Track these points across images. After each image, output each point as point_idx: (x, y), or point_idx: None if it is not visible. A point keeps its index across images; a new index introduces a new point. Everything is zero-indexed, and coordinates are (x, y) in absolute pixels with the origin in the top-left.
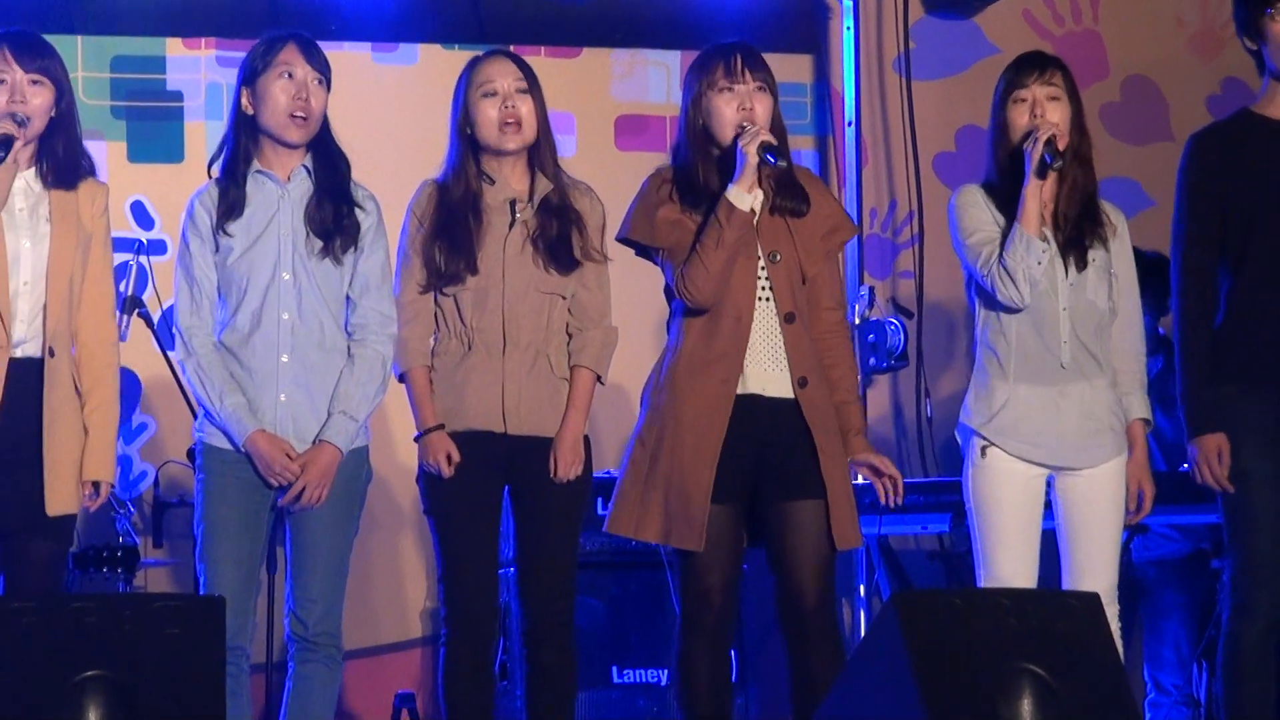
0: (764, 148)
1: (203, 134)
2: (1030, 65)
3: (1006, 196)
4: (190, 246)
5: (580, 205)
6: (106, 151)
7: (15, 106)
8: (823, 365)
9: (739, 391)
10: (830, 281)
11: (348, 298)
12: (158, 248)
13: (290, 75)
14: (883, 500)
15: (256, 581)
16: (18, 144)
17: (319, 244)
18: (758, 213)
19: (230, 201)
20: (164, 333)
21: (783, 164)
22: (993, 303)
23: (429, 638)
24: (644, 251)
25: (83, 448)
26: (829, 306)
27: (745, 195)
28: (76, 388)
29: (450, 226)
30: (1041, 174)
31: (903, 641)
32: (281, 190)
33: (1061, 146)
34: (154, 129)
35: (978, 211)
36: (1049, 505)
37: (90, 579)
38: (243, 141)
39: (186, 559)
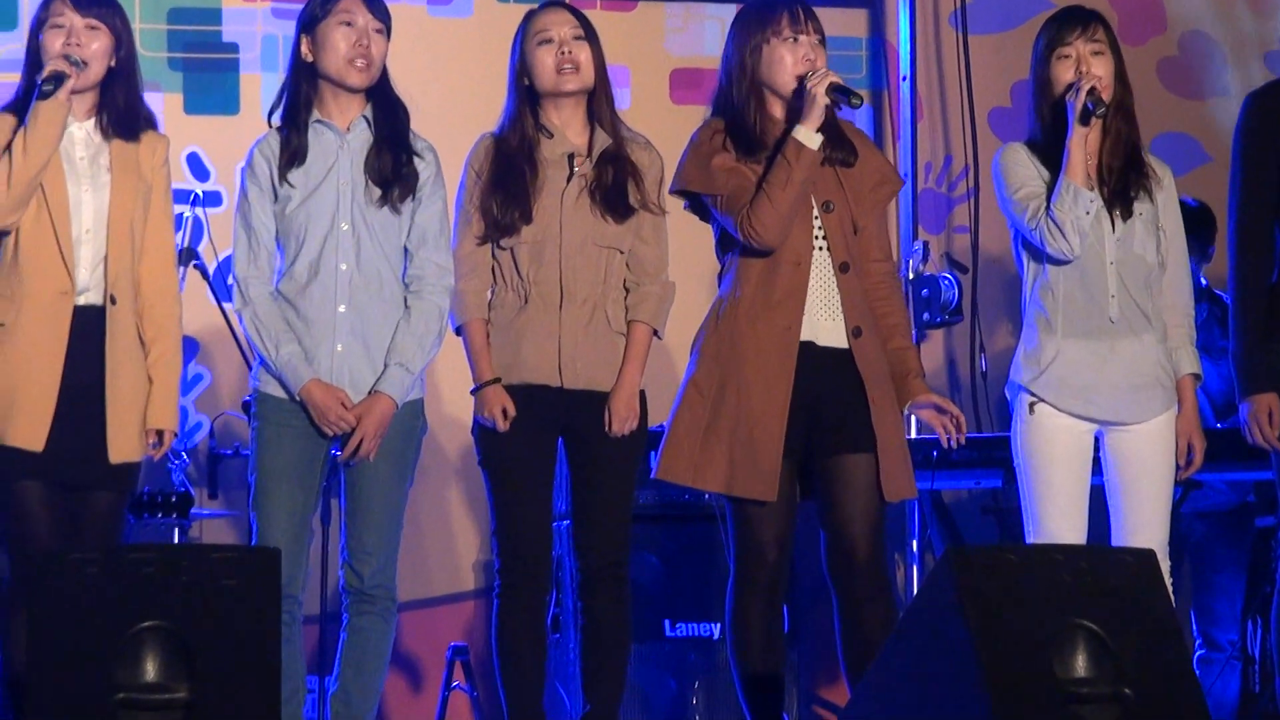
0: (833, 87)
1: (258, 86)
2: (1073, 21)
3: (1051, 151)
4: (249, 195)
5: (638, 158)
6: (163, 103)
7: (70, 49)
8: (875, 315)
9: None
10: (879, 234)
11: (405, 249)
12: (213, 199)
13: (350, 23)
14: (944, 441)
15: (309, 531)
16: (70, 83)
17: (377, 193)
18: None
19: (292, 150)
20: (219, 284)
21: (856, 102)
22: (1040, 259)
23: (482, 590)
24: (695, 204)
25: (146, 396)
26: (877, 258)
27: (814, 135)
28: (140, 338)
29: (506, 178)
30: (1085, 121)
31: (957, 597)
32: (340, 140)
33: (1105, 96)
34: (210, 81)
35: (1022, 168)
36: (1098, 462)
37: (145, 525)
38: (302, 89)
39: (241, 509)
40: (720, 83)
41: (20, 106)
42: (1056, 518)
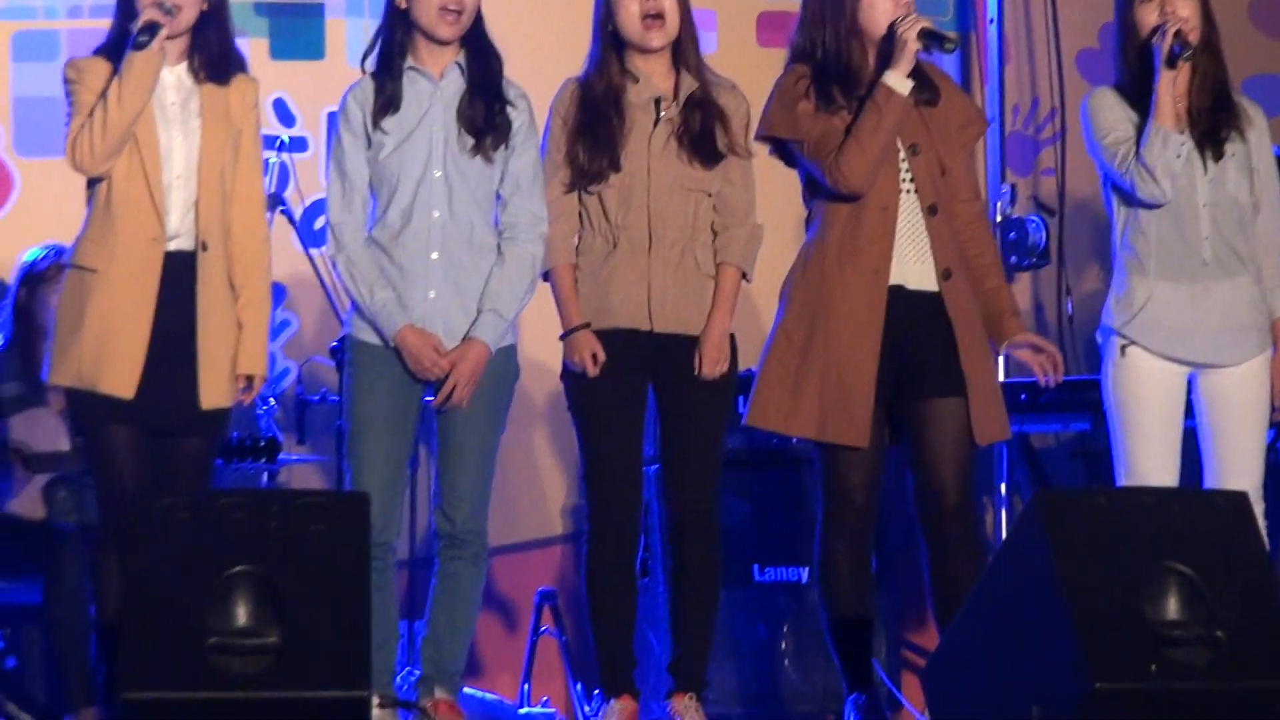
0: (924, 32)
1: (343, 32)
2: None
3: (1139, 95)
4: (343, 141)
5: (724, 101)
6: (249, 49)
7: None
8: (966, 257)
9: None
10: (967, 174)
11: (498, 196)
12: (299, 145)
13: None
14: (1040, 380)
15: (404, 477)
16: (163, 32)
17: (470, 141)
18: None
19: (387, 96)
20: (305, 230)
21: (950, 47)
22: (1131, 202)
23: (570, 535)
24: (781, 150)
25: (236, 342)
26: (966, 199)
27: (905, 80)
28: (230, 283)
29: (592, 124)
30: (1172, 64)
31: (1046, 540)
32: (434, 88)
33: (1192, 38)
34: (295, 26)
35: (1110, 112)
36: (1190, 405)
37: (232, 470)
38: (396, 35)
39: (328, 454)
40: (802, 29)
41: (113, 51)
42: (1148, 460)
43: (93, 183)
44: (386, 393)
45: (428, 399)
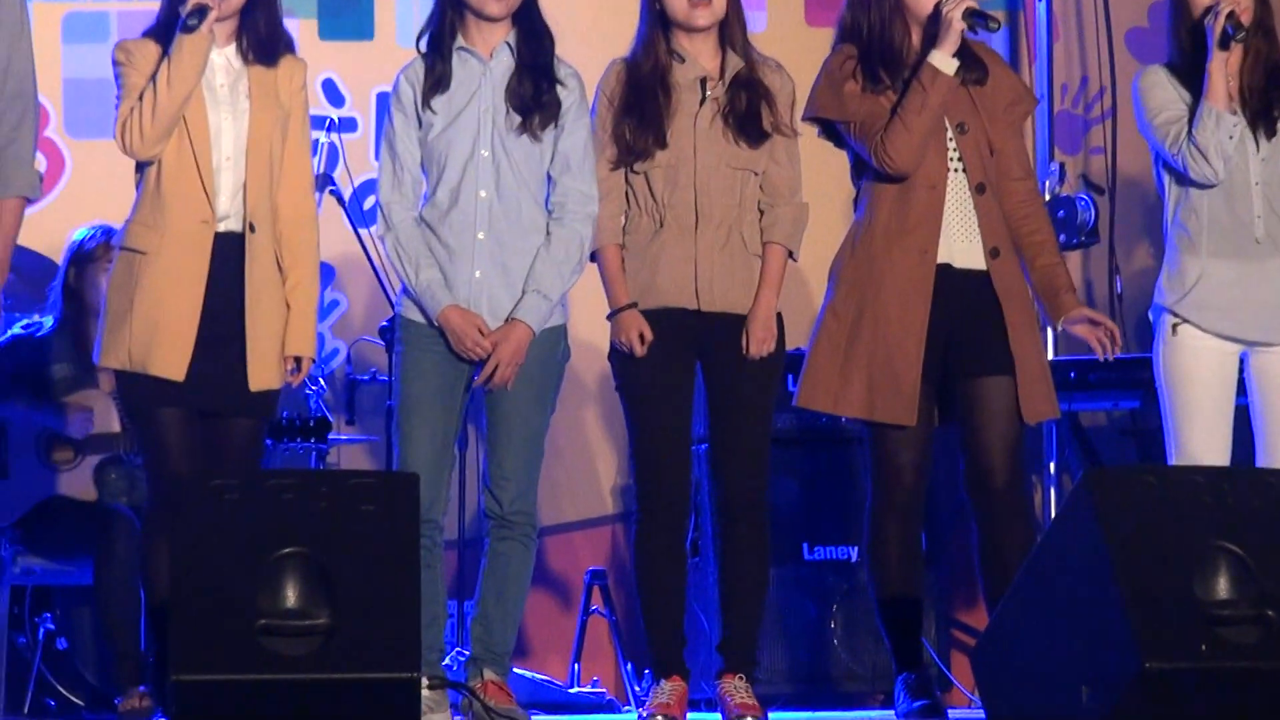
0: (969, 12)
1: (392, 11)
2: None
3: (1191, 74)
4: (394, 121)
5: (770, 81)
6: (298, 29)
7: None
8: (1021, 233)
9: None
10: (1018, 152)
11: (549, 176)
12: (348, 125)
13: None
14: (1099, 354)
15: (451, 456)
16: (213, 14)
17: (518, 120)
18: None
19: (437, 76)
20: (355, 210)
21: (994, 26)
22: (1183, 180)
23: (620, 515)
24: (829, 130)
25: (284, 323)
26: (1019, 177)
27: (949, 60)
28: (278, 264)
29: (639, 103)
30: (1224, 45)
31: (1096, 519)
32: (484, 67)
33: (1244, 18)
34: (344, 6)
35: (1162, 91)
36: (1242, 384)
37: (282, 450)
38: (448, 15)
39: (377, 435)
40: (849, 8)
41: (162, 33)
42: (1199, 439)
43: (142, 165)
44: (433, 372)
45: (475, 379)
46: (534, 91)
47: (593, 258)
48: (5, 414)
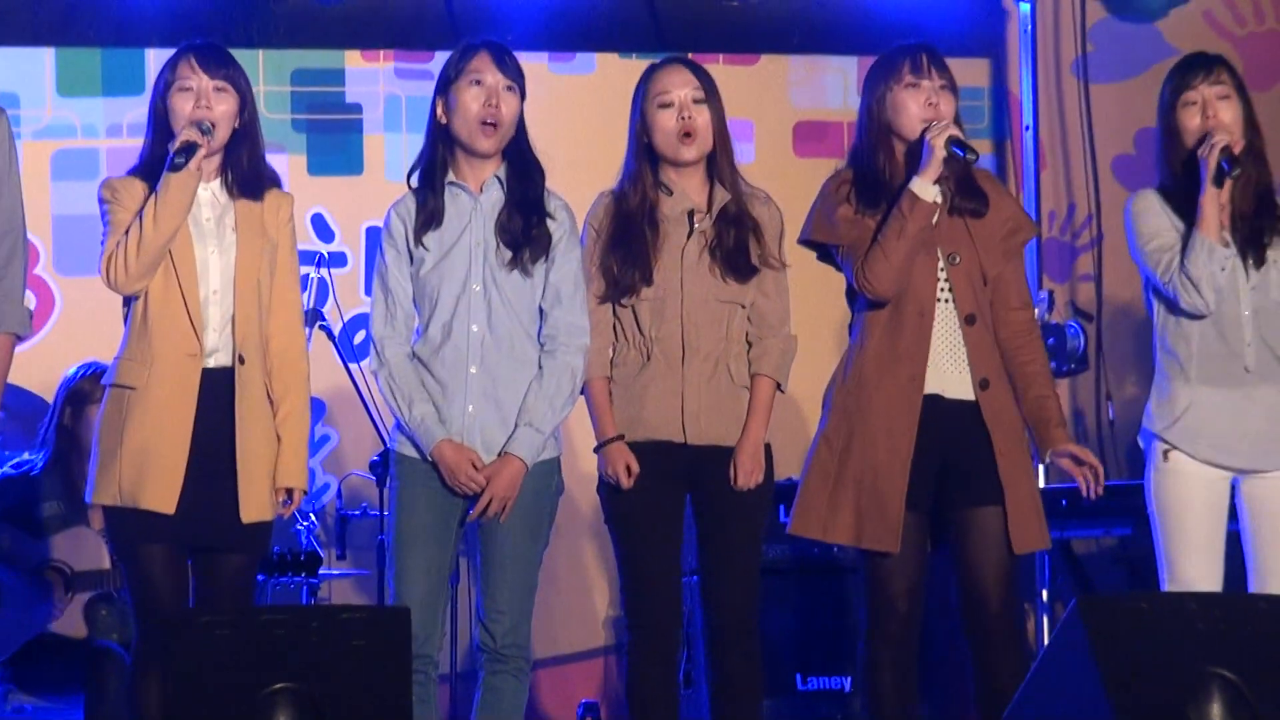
0: (952, 140)
1: (381, 146)
2: (1196, 66)
3: (1183, 200)
4: (386, 256)
5: (758, 213)
6: (287, 164)
7: (200, 113)
8: (1015, 364)
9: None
10: (1015, 281)
11: (540, 309)
12: (338, 260)
13: (479, 82)
14: (1084, 491)
15: (446, 590)
16: (201, 151)
17: (509, 255)
18: (937, 212)
19: (429, 212)
20: (345, 345)
21: (972, 157)
22: (1174, 308)
23: (612, 646)
24: (825, 254)
25: (275, 455)
26: (1016, 306)
27: (930, 187)
28: (269, 396)
29: (626, 237)
30: (1219, 183)
31: (1089, 646)
32: (474, 202)
33: (1237, 150)
34: (333, 141)
35: (1154, 218)
36: (1234, 509)
37: (274, 584)
38: (439, 151)
39: (370, 570)
40: (856, 133)
41: (148, 170)
42: (1192, 565)
43: (130, 301)
44: (427, 507)
45: (469, 513)
46: (524, 226)
47: (581, 390)
48: None
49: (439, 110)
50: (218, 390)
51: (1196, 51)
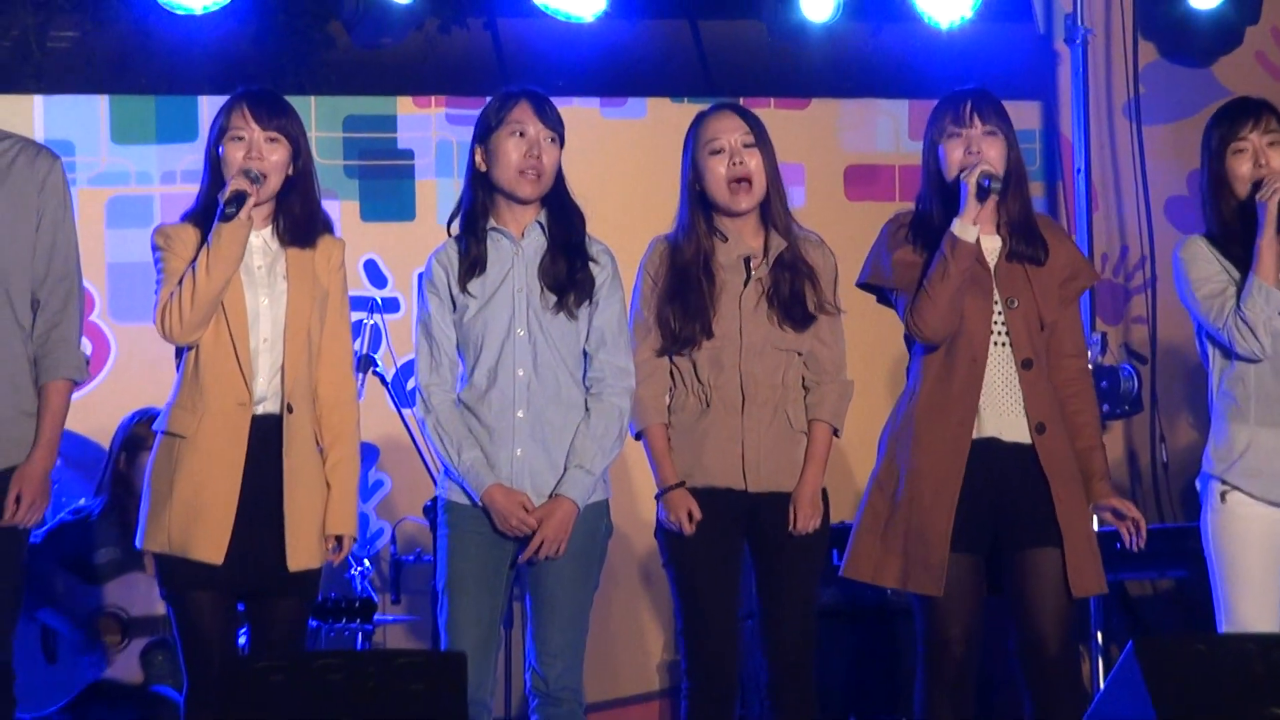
0: (981, 175)
1: (434, 192)
2: (1244, 114)
3: (1230, 243)
4: (429, 305)
5: (813, 259)
6: (340, 211)
7: (251, 162)
8: (1064, 412)
9: (977, 435)
10: (1071, 328)
11: (585, 352)
12: (391, 306)
13: (522, 134)
14: (1127, 544)
15: (498, 635)
16: (251, 200)
17: (553, 299)
18: (995, 256)
19: (472, 259)
20: (399, 391)
21: (996, 186)
22: (1229, 352)
23: (668, 690)
24: (884, 296)
25: (324, 502)
26: (1071, 354)
27: (969, 227)
28: (318, 443)
29: (683, 289)
30: None
31: (1146, 688)
32: (515, 247)
33: None
34: (386, 188)
35: (1205, 264)
36: None
37: (329, 630)
38: (479, 198)
39: (424, 615)
40: (921, 178)
41: (201, 216)
42: (1250, 606)
43: (182, 350)
44: (478, 552)
45: (520, 556)
46: (567, 270)
47: (638, 437)
48: (42, 616)
49: (478, 158)
50: (266, 438)
51: (1239, 97)
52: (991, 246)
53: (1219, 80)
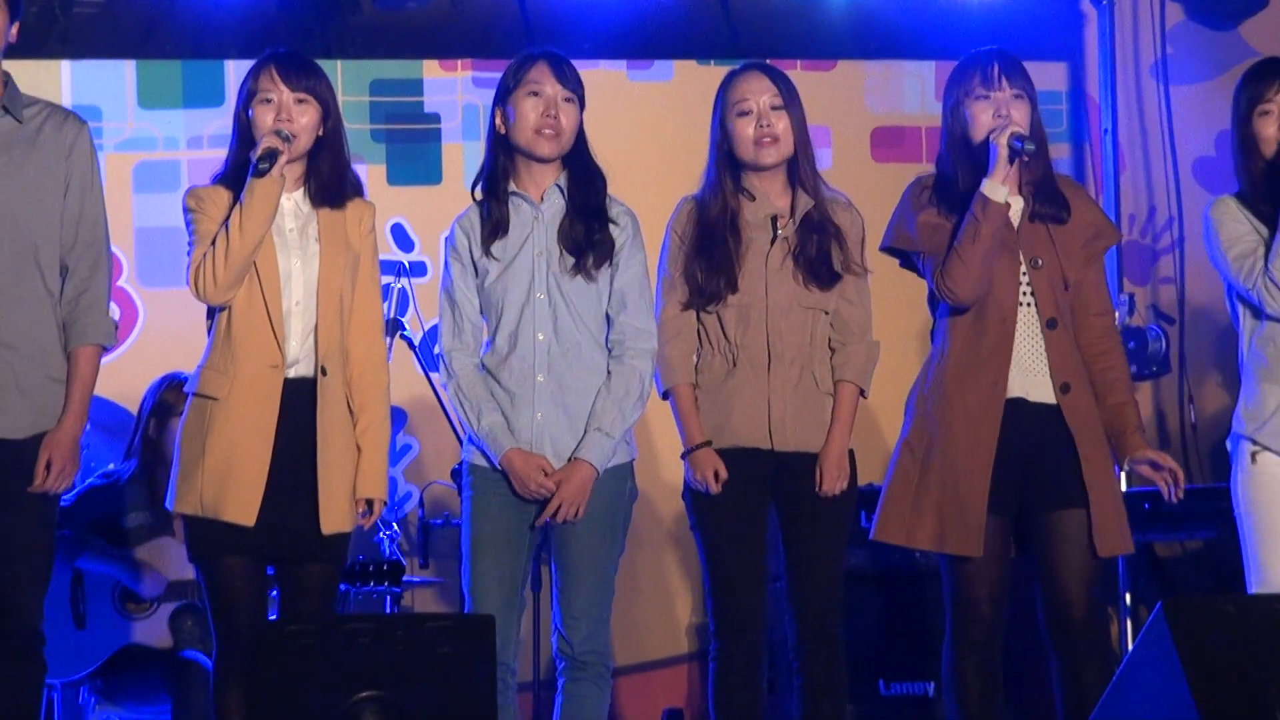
0: (1012, 136)
1: (460, 155)
2: (1270, 76)
3: (1262, 205)
4: (451, 270)
5: (840, 219)
6: (366, 175)
7: (281, 124)
8: (1094, 370)
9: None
10: (1096, 287)
11: (607, 314)
12: (418, 269)
13: (538, 93)
14: (1165, 495)
15: (521, 599)
16: (282, 159)
17: (571, 262)
18: (1018, 218)
19: (494, 222)
20: (426, 354)
21: (1030, 147)
22: (1259, 312)
23: (696, 653)
24: (907, 261)
25: (355, 466)
26: (1097, 312)
27: (999, 188)
28: (349, 407)
29: (709, 245)
30: None
31: (1175, 649)
32: (535, 211)
33: None
34: (412, 151)
35: (1235, 224)
36: None
37: (357, 593)
38: (500, 161)
39: (452, 578)
40: (940, 140)
41: (231, 178)
42: None
43: (213, 312)
44: (500, 515)
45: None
46: (586, 232)
47: (665, 396)
48: (81, 564)
49: (498, 120)
50: (299, 401)
51: (1266, 58)
52: (1014, 207)
53: (1246, 41)
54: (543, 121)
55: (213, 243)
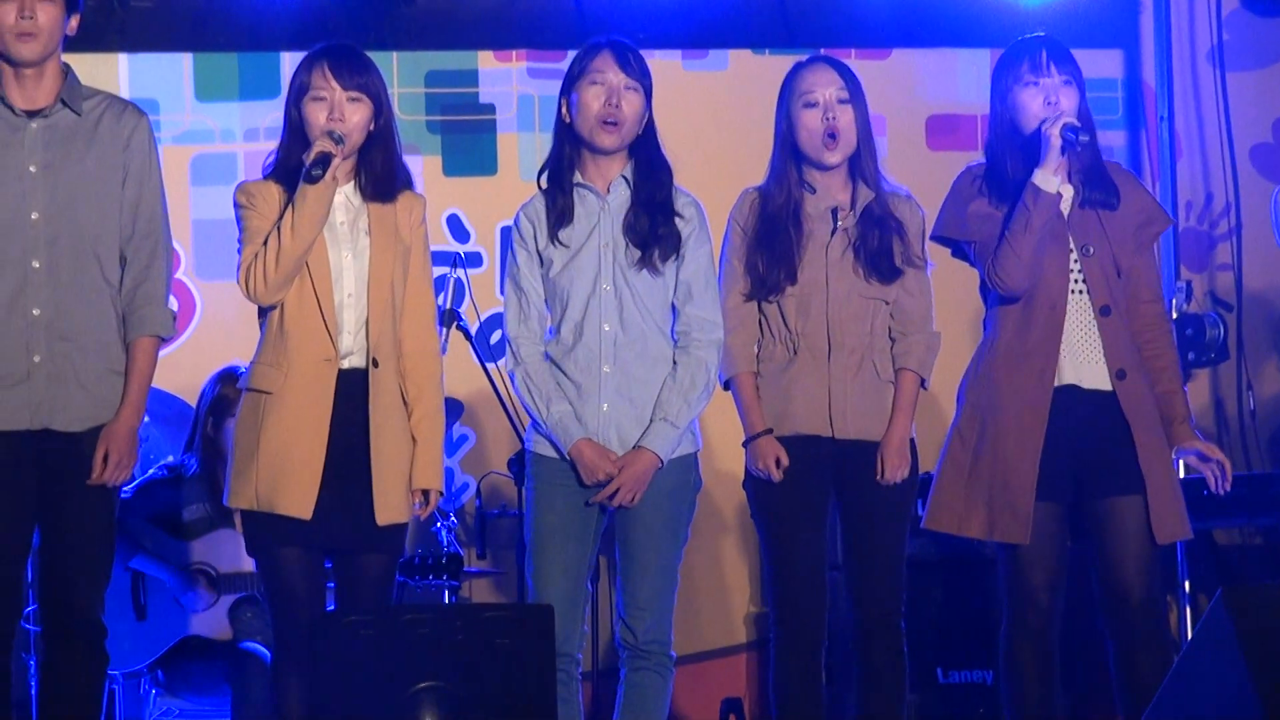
0: (1066, 127)
1: (515, 146)
2: None
3: None
4: (517, 258)
5: (901, 213)
6: (422, 165)
7: (333, 124)
8: (1142, 357)
9: (1057, 384)
10: (1148, 274)
11: (673, 305)
12: (474, 260)
13: (600, 82)
14: (1211, 486)
15: (585, 589)
16: (335, 162)
17: (637, 254)
18: (1067, 205)
19: (559, 211)
20: (482, 345)
21: (1084, 138)
22: None
23: (754, 643)
24: (959, 249)
25: (410, 457)
26: (1148, 299)
27: (1051, 178)
28: (403, 398)
29: (771, 236)
30: None
31: (1235, 637)
32: (601, 202)
33: None
34: (468, 142)
35: None
36: None
37: (416, 586)
38: (566, 151)
39: (510, 569)
40: (989, 128)
41: (282, 173)
42: None
43: (265, 308)
44: (565, 506)
45: (594, 497)
46: (651, 225)
47: (727, 385)
48: (135, 565)
49: (564, 110)
50: (352, 393)
51: None
52: (1065, 196)
53: None
54: (605, 111)
55: (264, 243)
